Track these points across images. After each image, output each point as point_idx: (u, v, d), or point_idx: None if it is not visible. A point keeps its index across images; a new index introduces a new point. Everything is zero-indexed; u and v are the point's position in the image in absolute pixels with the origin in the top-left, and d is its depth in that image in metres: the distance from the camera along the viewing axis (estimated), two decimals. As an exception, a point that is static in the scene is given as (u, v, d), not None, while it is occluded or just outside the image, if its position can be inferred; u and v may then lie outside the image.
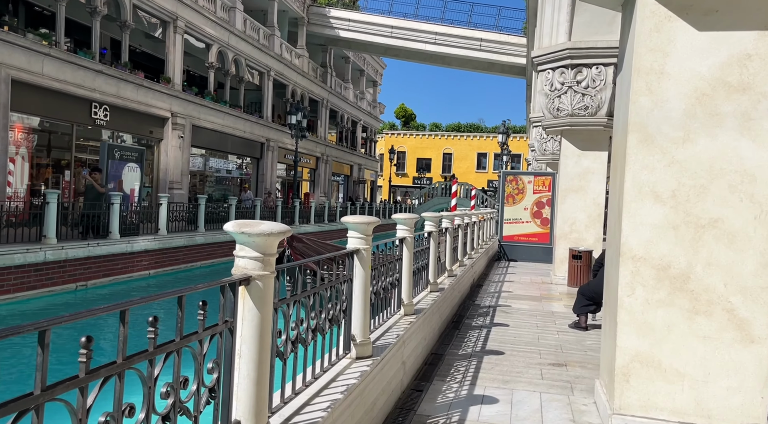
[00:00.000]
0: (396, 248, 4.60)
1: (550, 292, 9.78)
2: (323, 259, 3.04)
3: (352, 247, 3.41)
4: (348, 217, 3.48)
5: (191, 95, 21.19)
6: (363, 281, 3.43)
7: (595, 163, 10.71)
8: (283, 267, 2.39)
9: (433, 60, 33.04)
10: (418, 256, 5.49)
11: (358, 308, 3.40)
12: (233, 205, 17.49)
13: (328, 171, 35.93)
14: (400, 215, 4.83)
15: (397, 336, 4.00)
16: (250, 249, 2.09)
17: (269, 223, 2.12)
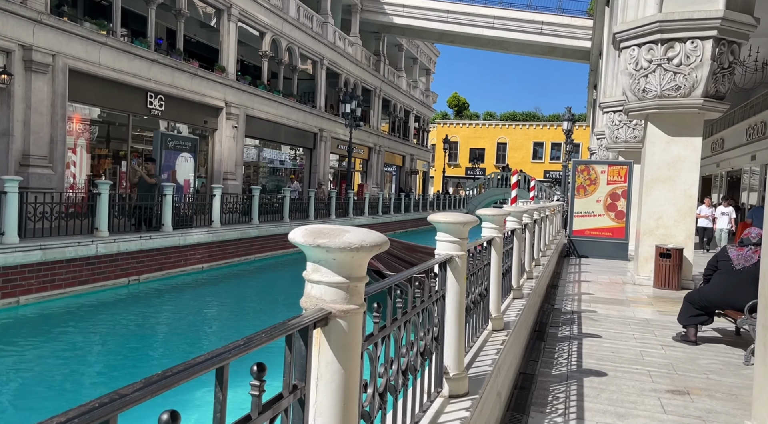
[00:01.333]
0: (484, 251, 3.81)
1: (635, 295, 8.74)
2: (415, 271, 2.30)
3: (443, 254, 2.66)
4: (437, 215, 2.73)
5: (245, 84, 20.91)
6: (457, 297, 2.68)
7: (686, 150, 9.52)
8: (372, 290, 1.66)
9: (491, 45, 31.76)
10: (503, 258, 4.68)
11: (451, 333, 2.65)
12: (287, 196, 17.05)
13: (380, 162, 35.30)
14: (487, 212, 4.04)
15: (492, 363, 3.23)
16: (328, 270, 1.37)
17: (357, 231, 1.39)
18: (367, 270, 5.18)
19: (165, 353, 8.40)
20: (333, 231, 1.37)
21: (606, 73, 17.11)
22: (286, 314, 11.47)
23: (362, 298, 1.43)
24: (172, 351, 8.45)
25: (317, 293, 1.38)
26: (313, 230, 1.37)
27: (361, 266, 1.41)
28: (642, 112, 9.70)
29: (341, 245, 1.33)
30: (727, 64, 9.18)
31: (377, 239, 1.39)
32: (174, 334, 9.43)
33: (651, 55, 9.34)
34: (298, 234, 1.37)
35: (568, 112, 24.15)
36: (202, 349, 8.79)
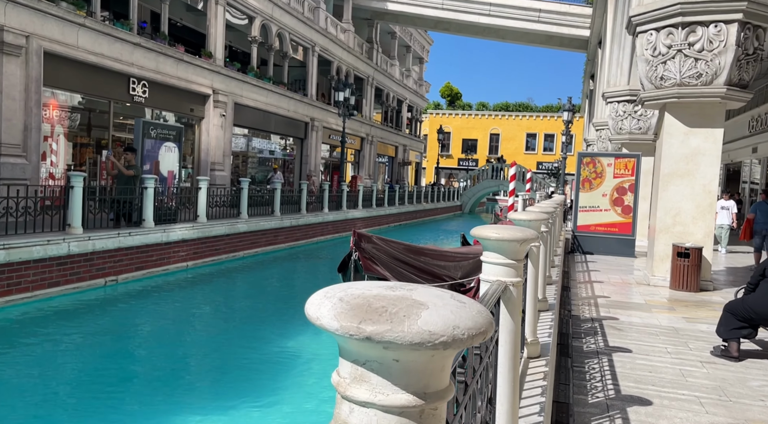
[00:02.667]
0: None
1: (653, 297, 8.16)
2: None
3: (494, 281, 1.99)
4: (483, 229, 2.06)
5: (233, 71, 20.07)
6: (512, 339, 2.02)
7: (706, 142, 8.91)
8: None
9: (487, 33, 30.99)
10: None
11: (505, 388, 1.99)
12: (278, 188, 16.23)
13: (372, 152, 34.56)
14: (522, 216, 3.38)
15: (540, 410, 2.58)
16: (385, 382, 0.69)
17: (438, 303, 0.71)
18: (375, 278, 4.38)
19: (145, 365, 7.68)
20: (395, 302, 0.69)
21: (610, 62, 16.47)
22: (278, 317, 10.81)
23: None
24: (152, 362, 7.74)
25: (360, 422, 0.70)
26: (355, 303, 0.68)
27: (444, 370, 0.73)
28: (659, 101, 9.07)
29: (413, 337, 0.65)
30: (752, 50, 8.56)
31: (479, 321, 0.71)
32: (155, 341, 8.69)
33: (670, 40, 8.70)
34: (326, 311, 0.69)
35: (569, 103, 23.52)
36: (187, 358, 8.10)
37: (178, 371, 7.51)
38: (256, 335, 8.93)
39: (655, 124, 14.84)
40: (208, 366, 7.85)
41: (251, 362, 7.67)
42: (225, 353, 8.13)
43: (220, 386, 7.10)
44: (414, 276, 5.58)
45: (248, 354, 7.98)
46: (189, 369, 7.70)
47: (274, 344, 8.53)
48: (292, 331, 9.20)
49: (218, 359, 7.98)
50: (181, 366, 7.70)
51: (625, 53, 15.46)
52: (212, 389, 7.02)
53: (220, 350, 8.36)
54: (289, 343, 8.60)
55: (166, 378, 7.16)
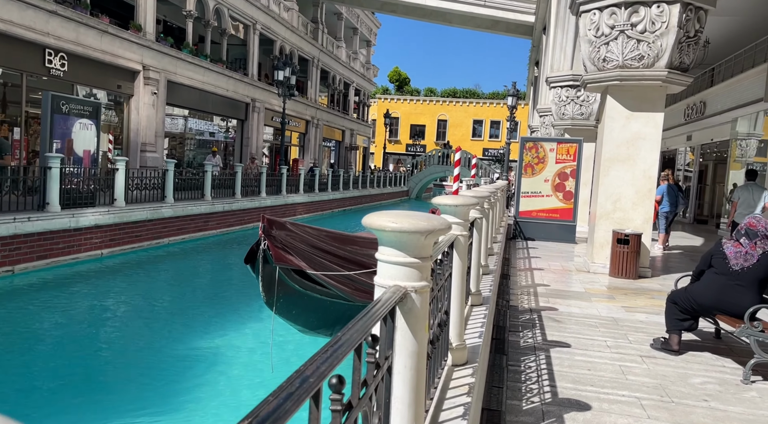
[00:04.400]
0: (445, 259, 2.67)
1: (593, 285, 7.96)
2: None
3: (390, 287, 1.49)
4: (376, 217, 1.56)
5: (166, 47, 18.83)
6: (413, 365, 1.53)
7: (647, 127, 8.76)
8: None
9: (434, 17, 30.53)
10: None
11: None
12: (209, 171, 15.24)
13: (318, 136, 33.70)
14: (446, 200, 2.91)
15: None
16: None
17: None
18: (287, 270, 3.71)
19: (45, 372, 6.82)
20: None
21: (554, 47, 16.34)
22: (202, 310, 10.06)
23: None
24: (54, 368, 6.90)
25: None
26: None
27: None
28: (602, 83, 8.83)
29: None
30: (693, 33, 8.41)
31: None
32: (54, 343, 7.80)
33: (613, 21, 8.44)
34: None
35: (513, 88, 23.42)
36: (95, 361, 7.29)
37: (86, 376, 6.74)
38: (176, 332, 8.21)
39: (597, 110, 14.82)
40: (121, 369, 7.09)
41: (169, 363, 6.97)
42: (140, 353, 7.39)
43: (136, 389, 6.40)
44: (337, 266, 5.06)
45: (166, 354, 7.27)
46: (98, 374, 6.92)
47: (197, 342, 7.84)
48: (217, 326, 8.54)
49: (133, 360, 7.23)
50: (89, 371, 6.92)
51: (569, 38, 15.32)
52: (126, 395, 6.31)
53: (135, 349, 7.61)
54: (214, 340, 7.91)
55: (71, 387, 6.38)
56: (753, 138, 18.46)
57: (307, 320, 5.55)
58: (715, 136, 20.11)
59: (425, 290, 1.54)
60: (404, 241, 1.50)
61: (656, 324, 5.80)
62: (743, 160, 18.94)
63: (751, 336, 4.18)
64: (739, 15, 16.39)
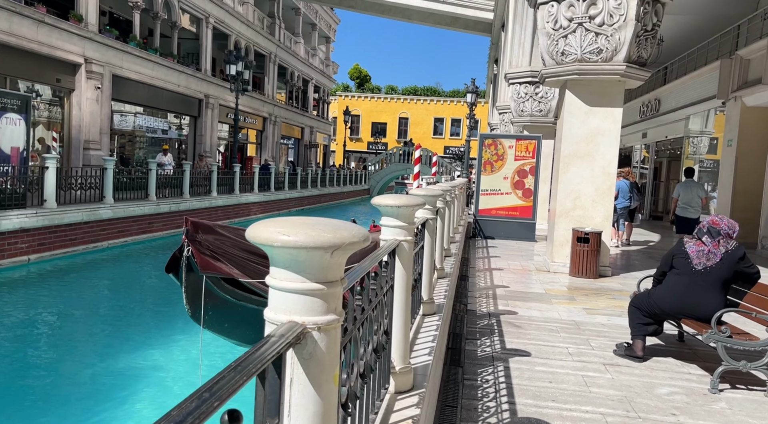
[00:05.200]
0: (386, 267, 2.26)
1: (553, 286, 7.71)
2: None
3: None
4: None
5: (110, 39, 17.87)
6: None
7: (606, 122, 8.58)
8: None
9: (393, 13, 30.16)
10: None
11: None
12: (153, 170, 14.43)
13: (276, 133, 32.92)
14: (388, 200, 2.51)
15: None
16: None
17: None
18: (215, 279, 3.12)
19: None
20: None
21: (512, 43, 16.19)
22: (146, 320, 9.38)
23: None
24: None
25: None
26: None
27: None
28: (560, 78, 8.61)
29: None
30: (651, 27, 8.27)
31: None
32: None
33: (571, 13, 8.22)
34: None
35: (472, 85, 23.28)
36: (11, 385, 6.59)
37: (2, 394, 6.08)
38: (106, 345, 7.56)
39: (556, 106, 14.72)
40: (42, 387, 6.44)
41: (97, 380, 6.36)
42: (63, 368, 6.74)
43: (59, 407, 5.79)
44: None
45: (94, 370, 6.65)
46: (16, 393, 6.26)
47: (128, 356, 7.22)
48: (154, 338, 7.92)
49: (56, 377, 6.58)
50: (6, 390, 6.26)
51: (527, 33, 15.19)
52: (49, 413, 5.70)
53: (59, 364, 6.95)
54: (148, 354, 7.29)
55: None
56: (705, 135, 18.80)
57: (242, 334, 5.06)
58: (670, 133, 20.41)
59: (333, 326, 1.13)
60: (302, 260, 1.08)
61: (618, 327, 5.56)
62: (696, 157, 19.27)
63: (718, 342, 3.93)
64: (691, 14, 16.59)
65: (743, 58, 13.47)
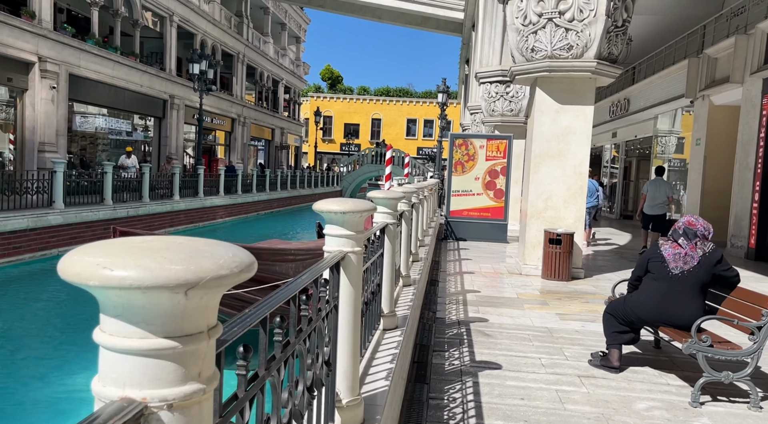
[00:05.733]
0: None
1: (525, 290, 7.45)
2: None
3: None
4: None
5: (66, 37, 17.11)
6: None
7: (577, 120, 8.37)
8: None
9: (363, 12, 29.83)
10: (366, 272, 2.82)
11: None
12: (109, 172, 13.74)
13: (246, 135, 32.25)
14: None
15: None
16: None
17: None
18: None
19: None
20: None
21: (483, 41, 16.00)
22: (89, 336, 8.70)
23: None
24: None
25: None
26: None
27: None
28: (530, 75, 8.37)
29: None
30: (621, 23, 8.09)
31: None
32: None
33: (541, 8, 7.99)
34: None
35: (443, 84, 23.07)
36: None
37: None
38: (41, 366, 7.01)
39: (526, 106, 14.57)
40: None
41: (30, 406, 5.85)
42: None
43: None
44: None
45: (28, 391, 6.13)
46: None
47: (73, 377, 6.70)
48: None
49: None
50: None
51: (497, 32, 15.00)
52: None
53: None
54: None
55: None
56: (673, 135, 18.90)
57: None
58: (639, 132, 20.51)
59: (195, 400, 0.75)
60: (139, 305, 0.69)
61: (592, 334, 5.31)
62: (664, 156, 19.38)
63: (699, 352, 3.68)
64: (658, 14, 16.66)
65: (710, 56, 13.50)
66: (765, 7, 11.55)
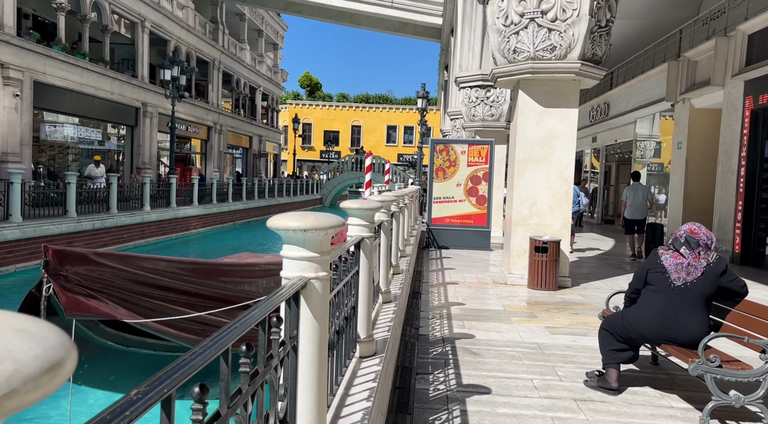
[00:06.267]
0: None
1: (512, 301, 7.11)
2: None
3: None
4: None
5: (30, 43, 16.46)
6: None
7: (561, 124, 8.09)
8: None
9: (340, 18, 29.52)
10: (338, 296, 2.42)
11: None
12: (73, 183, 13.06)
13: (222, 143, 31.63)
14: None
15: None
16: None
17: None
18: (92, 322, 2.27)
19: None
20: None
21: (462, 46, 15.75)
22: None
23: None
24: None
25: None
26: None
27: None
28: (513, 77, 8.08)
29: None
30: (605, 23, 7.85)
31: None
32: None
33: (522, 7, 7.71)
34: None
35: (423, 89, 22.81)
36: None
37: None
38: None
39: (507, 111, 14.33)
40: None
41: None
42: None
43: None
44: (184, 307, 3.75)
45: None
46: None
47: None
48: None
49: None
50: None
51: (476, 35, 14.77)
52: None
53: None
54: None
55: None
56: (652, 139, 18.85)
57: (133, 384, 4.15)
58: (619, 137, 20.44)
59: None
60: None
61: (585, 350, 4.98)
62: (644, 160, 19.32)
63: (707, 373, 3.35)
64: (635, 19, 16.61)
65: (690, 59, 13.41)
66: (745, 9, 11.47)
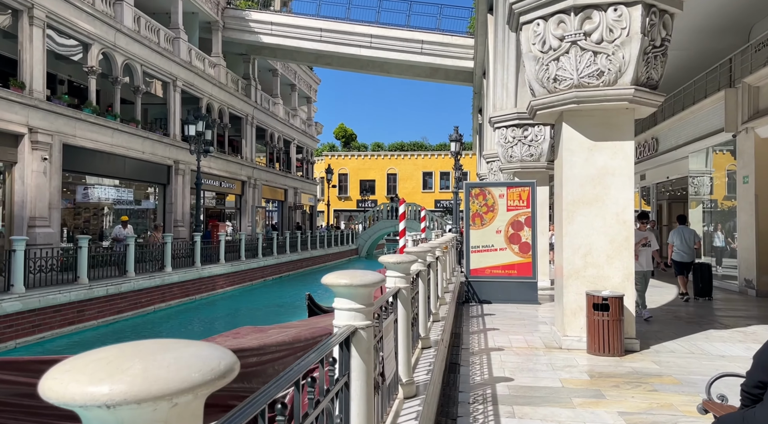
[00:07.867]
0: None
1: (570, 374, 5.85)
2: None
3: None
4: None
5: (60, 106, 16.49)
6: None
7: (615, 159, 6.98)
8: None
9: (371, 67, 29.41)
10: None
11: None
12: (84, 247, 12.42)
13: (257, 197, 31.40)
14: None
15: None
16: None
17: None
18: None
19: None
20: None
21: (495, 84, 14.93)
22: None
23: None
24: None
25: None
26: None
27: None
28: (555, 108, 7.06)
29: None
30: (659, 42, 6.81)
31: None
32: None
33: (562, 30, 6.77)
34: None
35: (456, 132, 22.01)
36: None
37: None
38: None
39: (548, 150, 13.27)
40: None
41: None
42: None
43: None
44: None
45: None
46: None
47: None
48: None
49: None
50: None
51: (510, 72, 13.91)
52: None
53: None
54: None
55: None
56: (707, 174, 17.32)
57: None
58: (671, 173, 18.98)
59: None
60: None
61: (682, 452, 3.72)
62: (699, 197, 17.74)
63: None
64: (682, 49, 15.51)
65: (751, 85, 12.15)
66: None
